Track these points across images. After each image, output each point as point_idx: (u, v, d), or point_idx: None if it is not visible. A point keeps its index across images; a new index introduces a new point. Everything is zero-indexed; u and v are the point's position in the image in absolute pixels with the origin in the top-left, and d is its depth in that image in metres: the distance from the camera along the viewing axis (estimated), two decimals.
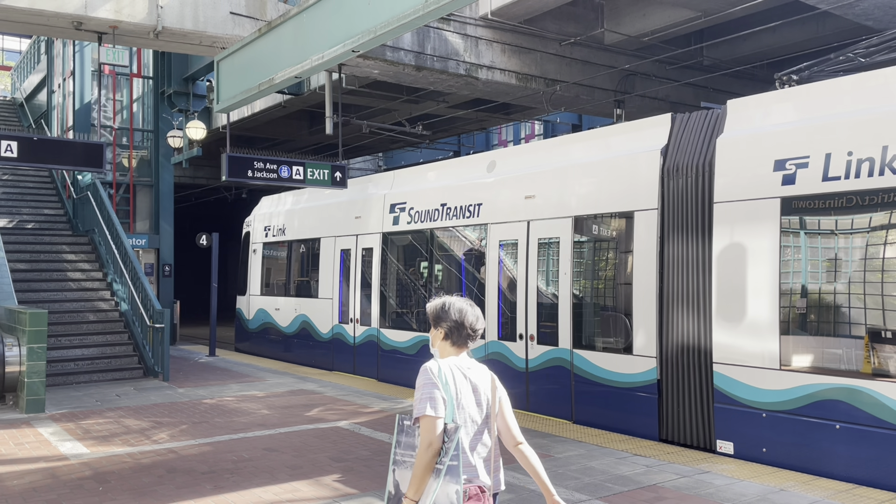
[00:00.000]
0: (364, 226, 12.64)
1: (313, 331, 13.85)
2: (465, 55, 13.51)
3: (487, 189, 10.29)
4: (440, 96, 17.84)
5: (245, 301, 16.78)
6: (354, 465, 6.77)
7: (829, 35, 13.66)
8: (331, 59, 6.77)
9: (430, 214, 11.18)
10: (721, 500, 5.70)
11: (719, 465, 6.75)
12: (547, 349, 8.99)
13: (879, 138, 6.18)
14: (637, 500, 5.71)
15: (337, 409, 9.59)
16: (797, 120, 6.92)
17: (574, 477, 6.33)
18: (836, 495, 5.80)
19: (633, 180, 8.24)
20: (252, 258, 16.44)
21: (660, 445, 7.56)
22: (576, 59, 14.91)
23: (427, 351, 9.83)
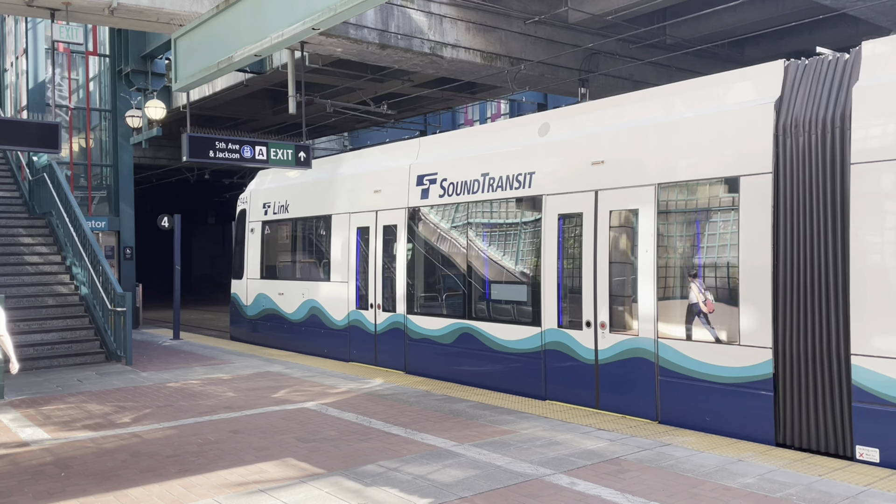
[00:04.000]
0: (385, 200, 11.26)
1: (325, 318, 12.55)
2: (430, 33, 13.41)
3: (541, 155, 8.99)
4: (405, 75, 17.71)
5: (242, 285, 15.26)
6: (321, 446, 6.77)
7: (788, 14, 13.85)
8: (291, 37, 6.66)
9: (468, 186, 9.83)
10: (681, 471, 5.84)
11: (680, 437, 6.91)
12: (623, 338, 7.84)
13: None
14: (600, 472, 5.82)
15: (304, 391, 9.58)
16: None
17: (539, 452, 6.42)
18: (791, 464, 5.98)
19: (738, 140, 7.05)
20: (249, 238, 14.93)
21: (623, 419, 7.69)
22: (540, 37, 14.90)
23: (468, 340, 9.69)
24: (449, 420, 7.73)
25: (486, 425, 7.46)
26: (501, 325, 9.32)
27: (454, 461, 6.19)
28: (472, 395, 9.07)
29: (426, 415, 8.00)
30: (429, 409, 8.32)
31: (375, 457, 6.36)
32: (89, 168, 19.47)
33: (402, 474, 5.85)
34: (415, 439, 6.94)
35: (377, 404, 8.61)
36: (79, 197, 18.63)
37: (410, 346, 10.76)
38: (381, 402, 8.77)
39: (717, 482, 5.55)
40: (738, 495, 5.26)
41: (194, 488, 5.61)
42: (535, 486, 5.52)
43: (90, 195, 19.33)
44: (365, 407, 8.46)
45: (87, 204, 19.14)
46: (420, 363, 10.63)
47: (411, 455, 6.40)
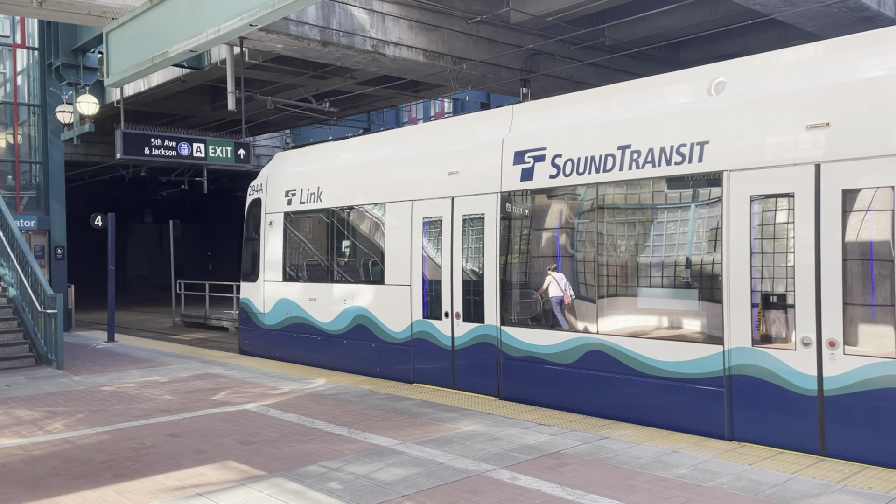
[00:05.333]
0: (466, 184, 9.14)
1: (377, 329, 10.32)
2: (372, 31, 13.36)
3: (716, 119, 6.96)
4: (348, 72, 17.59)
5: (256, 290, 12.72)
6: (262, 448, 6.69)
7: (721, 18, 14.30)
8: (228, 33, 6.54)
9: (597, 163, 7.76)
10: (619, 463, 5.98)
11: (618, 430, 7.07)
12: (867, 362, 5.86)
13: None
14: (541, 467, 5.92)
15: (244, 392, 9.43)
16: None
17: (481, 448, 6.48)
18: (724, 454, 6.19)
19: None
20: (267, 233, 12.44)
21: (563, 414, 7.83)
22: (482, 37, 15.02)
23: (598, 360, 7.56)
24: (393, 419, 7.73)
25: (429, 423, 7.49)
26: (653, 343, 7.28)
27: (397, 459, 6.19)
28: (415, 394, 9.08)
29: (370, 414, 7.98)
30: (372, 408, 8.30)
31: (318, 457, 6.32)
32: (17, 165, 18.72)
33: (345, 474, 5.82)
34: (358, 439, 6.92)
35: (320, 404, 8.54)
36: (7, 196, 17.90)
37: (507, 365, 8.59)
38: (324, 402, 8.70)
39: (653, 473, 5.70)
40: (673, 485, 5.42)
41: (129, 494, 5.47)
42: (477, 482, 5.57)
43: (18, 193, 18.59)
44: (307, 407, 8.39)
45: (16, 202, 18.39)
46: (522, 388, 8.46)
47: (354, 454, 6.38)
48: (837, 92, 6.22)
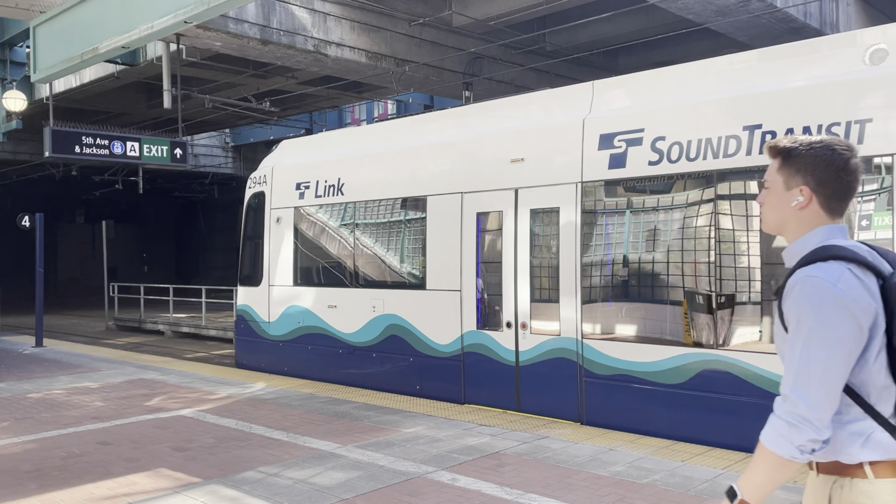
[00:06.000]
0: (535, 173, 7.86)
1: (416, 340, 8.96)
2: (314, 31, 13.24)
3: (881, 93, 5.93)
4: (289, 72, 17.39)
5: (259, 295, 11.16)
6: (198, 454, 6.54)
7: (657, 26, 14.68)
8: (162, 30, 6.39)
9: (715, 147, 6.56)
10: (557, 462, 6.07)
11: (557, 429, 7.18)
12: None
13: None
14: (481, 467, 5.96)
15: (180, 397, 9.20)
16: None
17: (422, 450, 6.49)
18: (658, 451, 6.35)
19: None
20: (273, 231, 10.96)
21: (504, 415, 7.89)
22: (425, 39, 15.05)
23: (718, 381, 6.32)
24: (333, 422, 7.67)
25: (370, 426, 7.45)
26: None
27: (337, 463, 6.14)
28: (357, 397, 9.03)
29: (310, 418, 7.89)
30: (313, 412, 8.21)
31: (255, 463, 6.21)
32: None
33: (283, 479, 5.74)
34: (297, 443, 6.83)
35: (259, 409, 8.40)
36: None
37: (592, 385, 7.36)
38: (263, 406, 8.56)
39: (590, 471, 5.81)
40: (609, 483, 5.53)
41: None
42: (417, 484, 5.57)
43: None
44: (246, 412, 8.24)
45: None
46: (612, 411, 7.20)
47: (293, 459, 6.30)
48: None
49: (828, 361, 1.85)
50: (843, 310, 1.84)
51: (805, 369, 1.87)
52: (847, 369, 1.87)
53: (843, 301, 1.85)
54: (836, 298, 1.85)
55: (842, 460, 1.95)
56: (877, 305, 1.88)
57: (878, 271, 1.90)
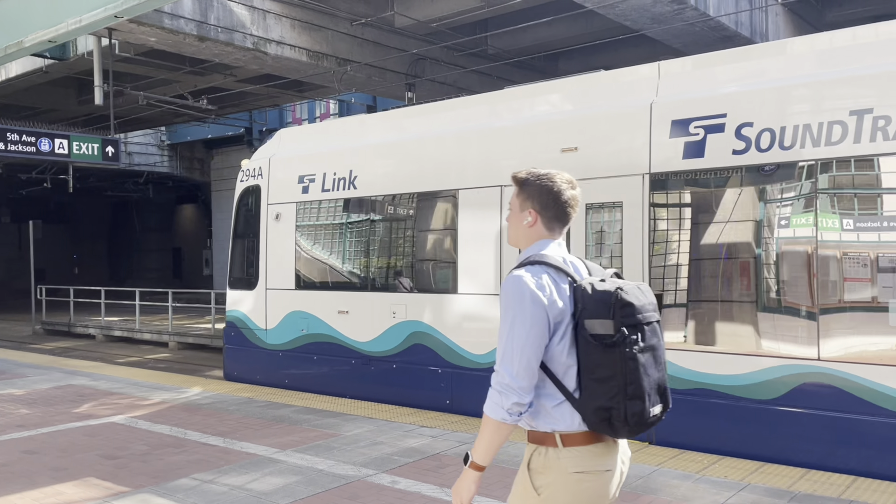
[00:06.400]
0: (590, 163, 7.04)
1: (446, 350, 8.09)
2: (253, 28, 13.02)
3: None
4: (227, 69, 17.05)
5: (253, 300, 10.07)
6: (129, 462, 6.33)
7: (596, 31, 14.97)
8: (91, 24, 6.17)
9: (814, 134, 5.86)
10: (498, 462, 6.08)
11: None
12: None
13: None
14: (421, 469, 5.95)
15: (111, 404, 8.90)
16: None
17: (363, 453, 6.44)
18: None
19: None
20: (271, 229, 9.93)
21: (445, 416, 7.90)
22: (367, 39, 14.98)
23: (818, 394, 5.74)
24: (272, 426, 7.54)
25: (309, 429, 7.36)
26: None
27: (275, 468, 6.04)
28: (297, 400, 8.90)
29: (248, 422, 7.74)
30: (251, 416, 8.05)
31: (190, 470, 6.05)
32: None
33: (219, 486, 5.61)
34: (234, 449, 6.69)
35: (194, 414, 8.20)
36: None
37: None
38: (199, 411, 8.36)
39: None
40: None
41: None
42: (356, 488, 5.52)
43: None
44: (180, 418, 8.02)
45: None
46: (688, 429, 6.42)
47: (229, 465, 6.16)
48: None
49: (526, 341, 2.33)
50: (538, 302, 2.34)
51: (509, 347, 2.35)
52: (540, 348, 2.35)
53: (539, 295, 2.35)
54: (532, 293, 2.35)
55: (539, 428, 2.41)
56: (565, 300, 2.38)
57: (570, 275, 2.42)
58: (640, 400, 2.32)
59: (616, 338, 2.31)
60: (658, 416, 2.42)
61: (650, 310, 2.42)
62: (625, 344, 2.31)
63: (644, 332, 2.36)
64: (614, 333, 2.31)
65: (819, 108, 5.96)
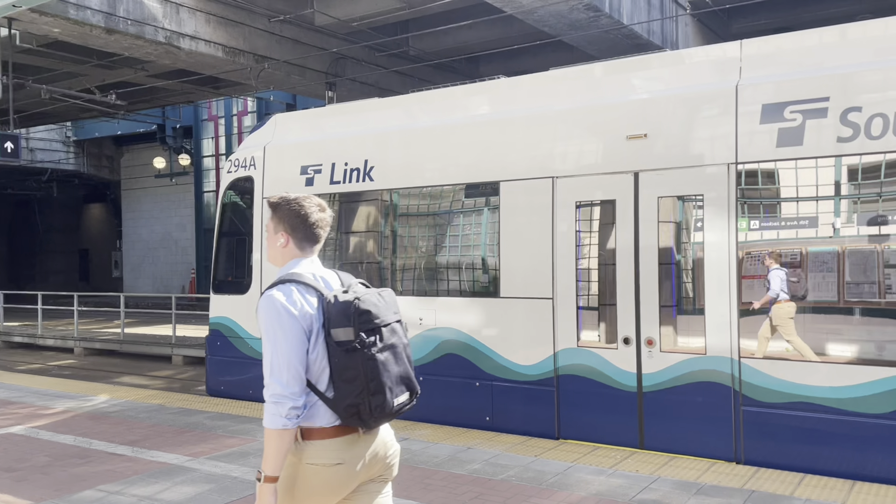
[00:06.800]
0: (663, 152, 6.39)
1: (485, 361, 7.27)
2: (165, 21, 12.58)
3: None
4: (138, 63, 16.41)
5: (246, 305, 8.94)
6: (29, 475, 6.00)
7: (516, 36, 15.21)
8: None
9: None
10: (416, 463, 6.11)
11: (417, 430, 7.23)
12: None
13: None
14: None
15: (10, 414, 8.41)
16: None
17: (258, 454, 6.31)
18: (513, 448, 6.55)
19: None
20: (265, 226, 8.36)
21: None
22: (286, 37, 14.73)
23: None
24: (184, 434, 7.29)
25: (224, 436, 7.16)
26: None
27: (187, 477, 5.84)
28: (211, 406, 8.64)
29: (159, 430, 7.47)
30: (162, 423, 7.77)
31: (95, 481, 5.79)
32: None
33: (126, 497, 5.39)
34: (144, 458, 6.44)
35: (101, 423, 7.84)
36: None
37: (753, 416, 5.93)
38: (106, 420, 8.00)
39: (448, 471, 5.89)
40: (466, 481, 5.63)
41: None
42: None
43: None
44: (86, 427, 7.66)
45: None
46: (783, 449, 5.83)
47: (138, 475, 5.92)
48: None
49: (290, 352, 2.60)
50: (292, 316, 2.62)
51: (276, 361, 2.60)
52: (303, 356, 2.62)
53: (291, 310, 2.63)
54: (286, 309, 2.63)
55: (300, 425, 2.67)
56: (314, 312, 2.66)
57: (318, 289, 2.71)
58: (382, 394, 2.64)
59: (356, 342, 2.61)
60: (405, 404, 2.76)
61: (388, 313, 2.74)
62: (364, 347, 2.62)
63: (382, 333, 2.68)
64: (354, 339, 2.61)
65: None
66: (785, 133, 5.89)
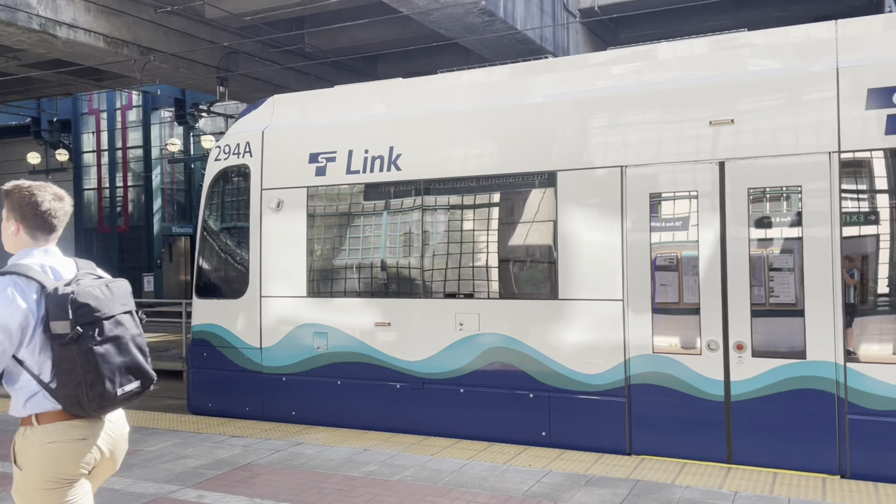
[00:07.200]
0: (753, 140, 5.94)
1: (541, 370, 6.60)
2: (40, 8, 11.81)
3: None
4: (10, 52, 15.30)
5: (241, 311, 8.01)
6: None
7: (413, 37, 15.24)
8: None
9: None
10: (311, 468, 6.02)
11: (312, 434, 7.12)
12: None
13: None
14: (231, 481, 5.71)
15: None
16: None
17: (166, 469, 6.05)
18: (410, 447, 6.56)
19: None
20: (267, 220, 7.88)
21: (258, 424, 7.64)
22: (174, 29, 14.14)
23: None
24: None
25: None
26: None
27: None
28: None
29: None
30: None
31: None
32: None
33: None
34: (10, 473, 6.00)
35: None
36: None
37: (862, 425, 5.53)
38: None
39: (344, 474, 5.83)
40: (362, 483, 5.59)
41: None
42: None
43: None
44: None
45: None
46: None
47: (6, 492, 5.51)
48: None
49: None
50: (10, 306, 2.65)
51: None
52: (11, 347, 2.67)
53: (10, 300, 2.66)
54: (4, 298, 2.65)
55: (18, 414, 2.79)
56: (31, 306, 2.69)
57: (41, 282, 2.73)
58: (101, 385, 2.72)
59: (71, 335, 2.66)
60: (135, 391, 2.86)
61: (114, 305, 2.81)
62: (80, 340, 2.68)
63: (103, 326, 2.74)
64: (70, 332, 2.66)
65: None
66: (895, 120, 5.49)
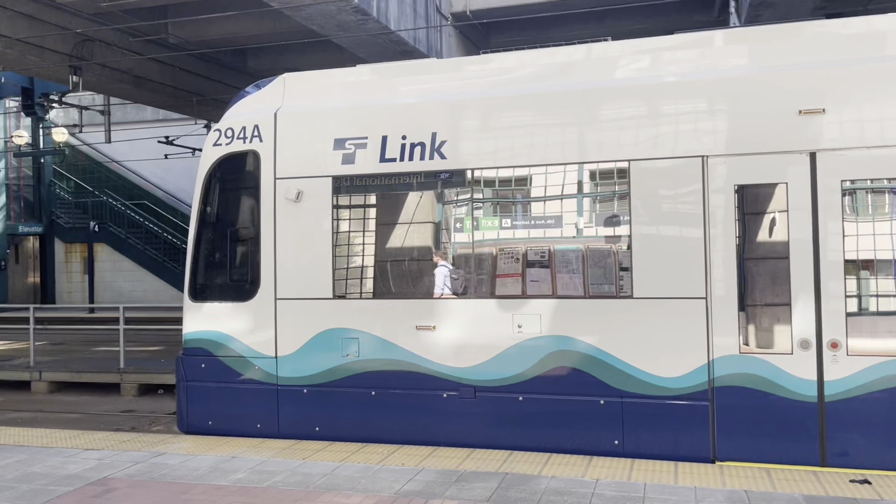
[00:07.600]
0: (848, 130, 5.72)
1: (613, 374, 6.17)
2: None
3: None
4: None
5: (251, 316, 7.17)
6: None
7: (285, 32, 14.92)
8: None
9: None
10: (174, 478, 5.75)
11: (175, 444, 6.80)
12: None
13: None
14: (84, 497, 5.35)
15: None
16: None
17: (10, 487, 5.58)
18: (281, 452, 6.42)
19: None
20: (281, 214, 7.07)
21: (114, 435, 7.21)
22: (21, 13, 13.11)
23: None
24: None
25: None
26: None
27: None
28: None
29: None
30: None
31: None
32: None
33: None
34: None
35: None
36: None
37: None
38: None
39: (210, 483, 5.61)
40: (230, 492, 5.41)
41: None
42: None
43: None
44: None
45: None
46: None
47: None
48: None
49: None
50: None
51: None
52: None
53: None
54: None
55: None
56: None
57: None
58: None
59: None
60: None
61: None
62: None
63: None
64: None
65: None
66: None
